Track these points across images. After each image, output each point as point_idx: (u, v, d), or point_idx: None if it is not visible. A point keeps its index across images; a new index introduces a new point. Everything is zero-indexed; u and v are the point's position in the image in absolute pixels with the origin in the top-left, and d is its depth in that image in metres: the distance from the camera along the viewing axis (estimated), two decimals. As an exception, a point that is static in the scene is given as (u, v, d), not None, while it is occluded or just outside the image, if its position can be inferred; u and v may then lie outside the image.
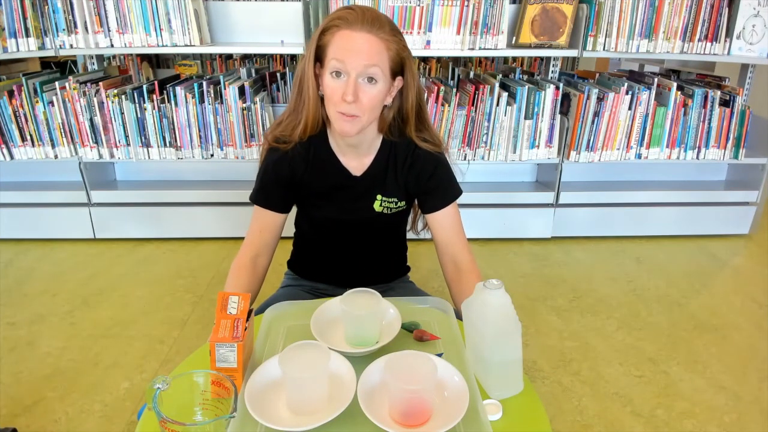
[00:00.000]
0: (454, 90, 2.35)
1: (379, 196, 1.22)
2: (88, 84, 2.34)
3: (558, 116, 2.41)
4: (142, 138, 2.38)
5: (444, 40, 2.28)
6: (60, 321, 1.97)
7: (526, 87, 2.34)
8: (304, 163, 1.18)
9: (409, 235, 1.41)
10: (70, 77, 2.35)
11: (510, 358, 0.86)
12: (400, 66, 1.09)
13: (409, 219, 1.36)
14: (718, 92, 2.45)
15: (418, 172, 1.21)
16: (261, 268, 1.24)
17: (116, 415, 1.53)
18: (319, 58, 1.08)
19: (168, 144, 2.39)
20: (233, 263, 1.23)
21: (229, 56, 4.29)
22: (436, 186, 1.22)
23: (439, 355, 0.91)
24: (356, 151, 1.20)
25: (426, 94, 2.34)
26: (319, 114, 1.14)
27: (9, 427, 1.40)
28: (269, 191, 1.21)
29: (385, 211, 1.23)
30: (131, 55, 3.65)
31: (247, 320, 0.87)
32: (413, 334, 0.98)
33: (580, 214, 2.66)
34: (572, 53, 2.38)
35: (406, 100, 1.14)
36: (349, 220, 1.24)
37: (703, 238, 2.73)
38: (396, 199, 1.23)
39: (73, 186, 2.51)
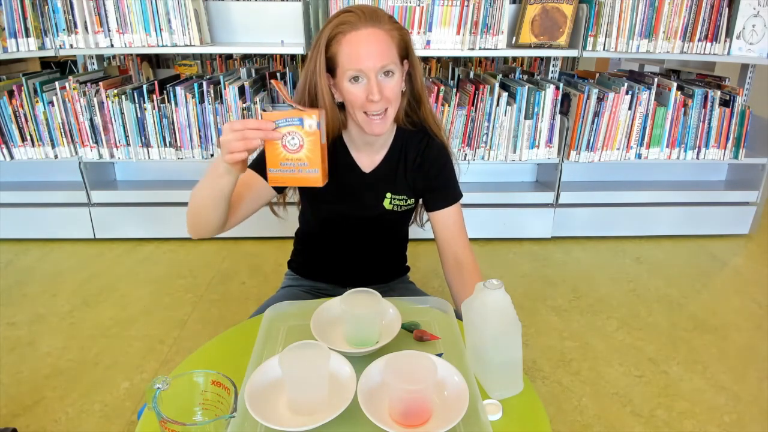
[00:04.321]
0: (454, 90, 2.35)
1: (389, 194, 1.23)
2: (88, 84, 2.34)
3: (558, 116, 2.41)
4: (142, 138, 2.38)
5: (444, 40, 2.28)
6: (60, 321, 1.97)
7: (526, 87, 2.34)
8: None
9: (410, 235, 1.41)
10: (70, 77, 2.35)
11: (510, 359, 0.86)
12: (405, 51, 1.12)
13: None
14: (718, 92, 2.45)
15: (426, 171, 1.23)
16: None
17: (116, 415, 1.53)
18: (330, 68, 1.09)
19: (168, 144, 2.39)
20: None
21: (229, 56, 4.29)
22: (443, 185, 1.24)
23: (439, 355, 0.91)
24: (371, 147, 1.21)
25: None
26: (338, 120, 1.15)
27: (9, 427, 1.40)
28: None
29: (396, 209, 1.25)
30: (131, 55, 3.65)
31: None
32: (413, 334, 0.98)
33: (580, 214, 2.66)
34: (572, 53, 2.38)
35: (415, 81, 1.17)
36: (358, 216, 1.25)
37: (703, 238, 2.73)
38: (405, 197, 1.24)
39: (73, 186, 2.51)
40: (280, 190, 1.23)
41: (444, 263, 1.26)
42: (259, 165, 1.15)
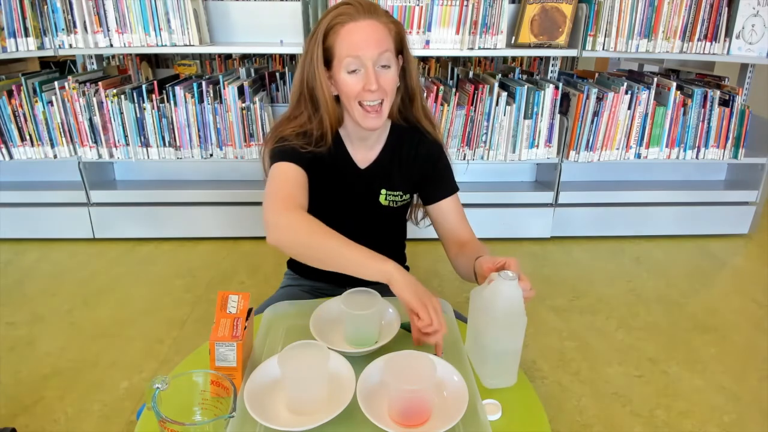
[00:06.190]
0: (454, 90, 2.35)
1: (383, 191, 1.23)
2: (88, 84, 2.34)
3: (557, 116, 2.41)
4: (142, 138, 2.37)
5: (443, 40, 2.28)
6: (60, 321, 1.97)
7: (526, 87, 2.34)
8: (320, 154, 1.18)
9: (409, 234, 1.41)
10: (70, 77, 2.35)
11: (509, 350, 0.87)
12: (401, 45, 1.12)
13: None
14: (718, 92, 2.45)
15: (421, 164, 1.23)
16: None
17: (116, 415, 1.52)
18: (326, 60, 1.09)
19: (167, 144, 2.39)
20: (293, 215, 1.04)
21: (229, 56, 4.29)
22: (438, 177, 1.24)
23: (439, 355, 0.91)
24: (365, 143, 1.21)
25: (425, 94, 2.34)
26: (337, 113, 1.15)
27: (8, 427, 1.39)
28: (298, 154, 1.12)
29: (391, 204, 1.25)
30: (130, 54, 3.65)
31: (247, 319, 0.87)
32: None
33: (579, 213, 2.66)
34: (572, 53, 2.37)
35: (410, 77, 1.17)
36: (353, 212, 1.25)
37: (703, 238, 2.73)
38: (401, 193, 1.24)
39: (72, 186, 2.51)
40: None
41: (448, 251, 1.25)
42: (288, 156, 1.11)
